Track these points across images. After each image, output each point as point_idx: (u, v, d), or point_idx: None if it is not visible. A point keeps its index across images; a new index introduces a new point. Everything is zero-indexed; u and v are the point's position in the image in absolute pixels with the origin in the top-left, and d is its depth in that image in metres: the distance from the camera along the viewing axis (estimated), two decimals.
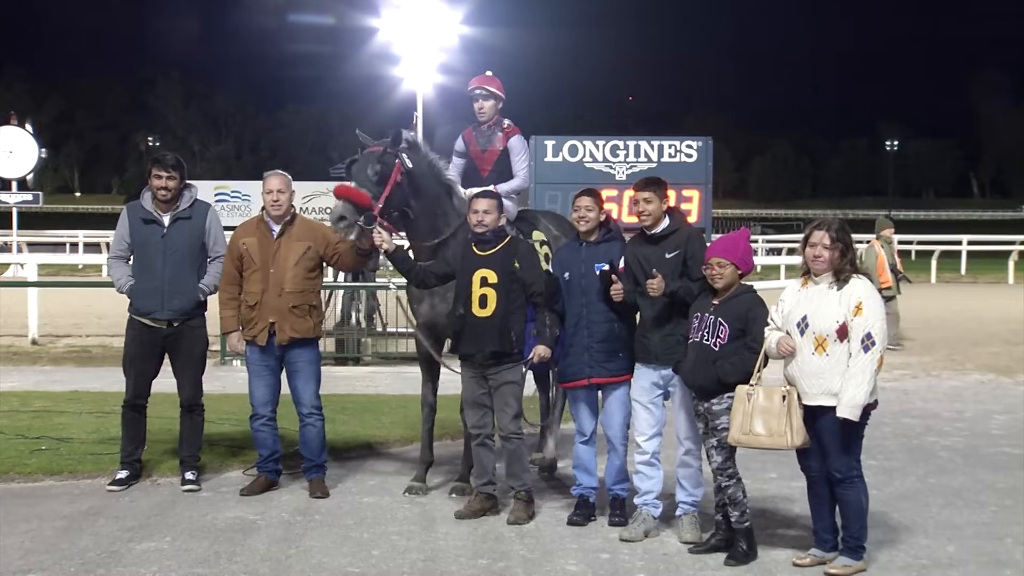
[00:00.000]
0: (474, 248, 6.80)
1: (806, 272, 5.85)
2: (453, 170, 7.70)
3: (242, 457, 7.98)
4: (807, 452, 5.83)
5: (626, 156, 39.28)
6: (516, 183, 7.81)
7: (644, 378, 6.45)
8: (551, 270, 6.87)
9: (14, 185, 29.50)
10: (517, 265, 6.70)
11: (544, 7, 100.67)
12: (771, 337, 5.87)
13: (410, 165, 7.09)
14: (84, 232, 36.74)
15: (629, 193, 32.99)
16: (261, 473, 7.38)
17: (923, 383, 12.66)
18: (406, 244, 7.45)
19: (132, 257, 7.35)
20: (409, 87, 33.23)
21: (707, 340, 5.96)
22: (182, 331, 7.33)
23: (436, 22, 31.69)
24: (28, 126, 30.35)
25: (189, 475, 7.38)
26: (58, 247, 35.23)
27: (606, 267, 6.45)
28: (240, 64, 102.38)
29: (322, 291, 8.32)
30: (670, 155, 39.63)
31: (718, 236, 6.76)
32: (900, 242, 36.84)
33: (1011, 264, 32.57)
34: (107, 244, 36.03)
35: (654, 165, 38.74)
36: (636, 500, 6.51)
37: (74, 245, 35.45)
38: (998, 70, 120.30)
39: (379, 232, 6.89)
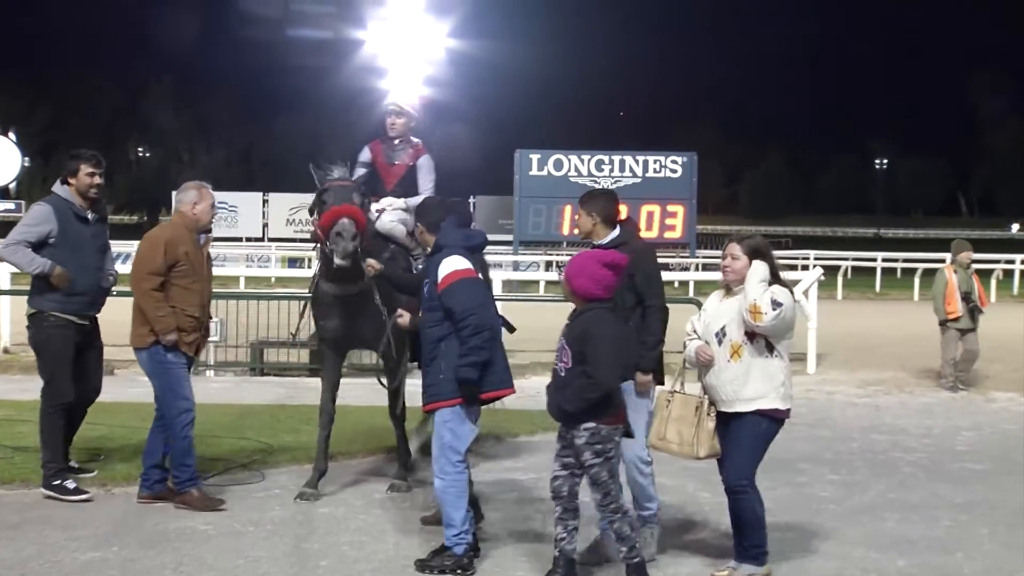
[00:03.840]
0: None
1: (728, 285, 5.92)
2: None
3: (202, 465, 7.93)
4: (723, 463, 5.85)
5: (611, 170, 39.06)
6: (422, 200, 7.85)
7: None
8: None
9: None
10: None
11: (532, 19, 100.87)
12: (690, 346, 5.92)
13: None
14: None
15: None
16: (195, 487, 7.11)
17: (896, 399, 12.67)
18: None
19: (49, 252, 7.16)
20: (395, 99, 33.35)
21: (557, 364, 5.70)
22: (94, 327, 7.51)
23: (422, 35, 31.84)
24: (11, 134, 30.17)
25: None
26: None
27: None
28: (232, 74, 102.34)
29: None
30: (655, 170, 39.56)
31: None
32: (885, 260, 37.09)
33: (993, 282, 32.64)
34: None
35: (639, 180, 38.58)
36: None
37: None
38: (988, 89, 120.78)
39: (369, 261, 7.07)
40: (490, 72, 79.25)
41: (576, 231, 6.54)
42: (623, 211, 6.44)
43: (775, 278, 5.78)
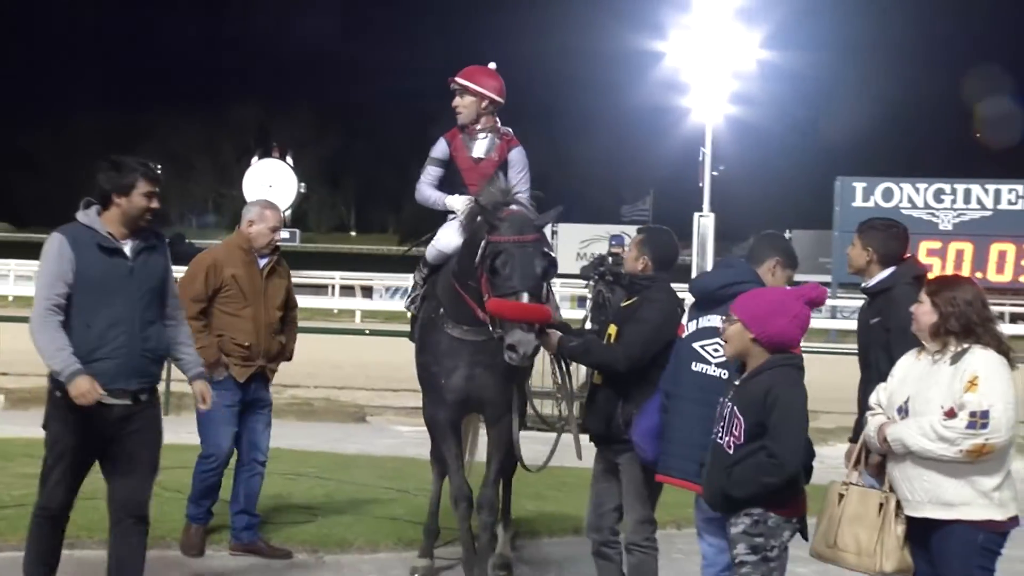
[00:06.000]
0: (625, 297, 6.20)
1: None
2: (426, 180, 7.11)
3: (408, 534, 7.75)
4: None
5: (953, 202, 36.91)
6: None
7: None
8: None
9: None
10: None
11: (858, 26, 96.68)
12: (871, 423, 5.02)
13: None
14: (341, 274, 38.09)
15: (955, 246, 30.92)
16: (197, 524, 7.36)
17: None
18: None
19: (68, 305, 5.52)
20: (698, 119, 32.95)
21: (722, 437, 4.92)
22: (142, 410, 5.69)
23: (731, 46, 31.30)
24: (289, 159, 31.89)
25: None
26: (320, 289, 36.54)
27: None
28: (524, 95, 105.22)
29: None
30: (1010, 201, 36.88)
31: None
32: None
33: None
34: (361, 288, 37.00)
35: (988, 213, 36.22)
36: None
37: (339, 288, 36.62)
38: None
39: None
40: (809, 87, 76.93)
41: (850, 269, 5.92)
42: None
43: (966, 332, 4.82)
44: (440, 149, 7.07)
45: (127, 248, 5.61)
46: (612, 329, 5.92)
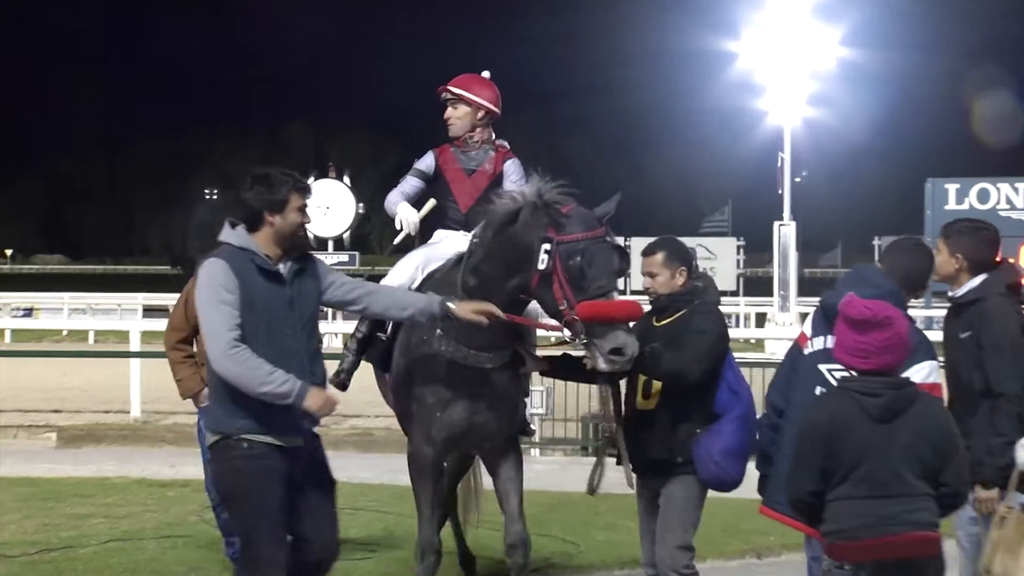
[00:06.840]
0: (653, 318, 5.89)
1: None
2: (400, 188, 6.79)
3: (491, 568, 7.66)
4: None
5: None
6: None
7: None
8: None
9: (330, 244, 31.18)
10: None
11: (946, 22, 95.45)
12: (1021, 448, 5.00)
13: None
14: None
15: None
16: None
17: None
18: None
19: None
20: (774, 122, 32.62)
21: None
22: (313, 451, 5.48)
23: (808, 44, 30.93)
24: (346, 179, 31.98)
25: None
26: None
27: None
28: (595, 105, 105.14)
29: None
30: None
31: None
32: None
33: None
34: None
35: None
36: None
37: None
38: None
39: None
40: (893, 86, 76.09)
41: (936, 276, 5.57)
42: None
43: None
44: (426, 162, 6.78)
45: (282, 269, 5.30)
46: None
